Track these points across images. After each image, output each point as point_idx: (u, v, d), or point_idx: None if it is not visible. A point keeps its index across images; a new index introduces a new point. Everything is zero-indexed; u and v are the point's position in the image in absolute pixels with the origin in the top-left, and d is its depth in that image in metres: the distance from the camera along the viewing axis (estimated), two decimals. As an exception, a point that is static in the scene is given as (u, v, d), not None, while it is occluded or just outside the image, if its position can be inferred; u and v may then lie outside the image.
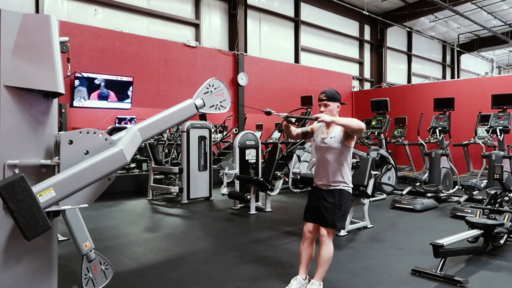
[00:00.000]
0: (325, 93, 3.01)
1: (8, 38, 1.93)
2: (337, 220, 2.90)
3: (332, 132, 2.97)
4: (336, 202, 2.92)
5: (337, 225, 2.91)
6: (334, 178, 2.95)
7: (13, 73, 1.94)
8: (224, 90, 2.60)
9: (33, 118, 2.02)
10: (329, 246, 2.91)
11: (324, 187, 2.98)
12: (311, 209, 3.06)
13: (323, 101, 2.99)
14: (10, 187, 1.71)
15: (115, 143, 2.12)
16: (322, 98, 3.00)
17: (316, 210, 2.99)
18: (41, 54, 1.97)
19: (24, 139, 2.00)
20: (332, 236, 2.95)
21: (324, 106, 3.00)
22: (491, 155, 6.89)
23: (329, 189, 2.96)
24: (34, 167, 2.02)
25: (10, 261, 1.97)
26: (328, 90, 3.04)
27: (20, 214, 1.72)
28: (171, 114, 2.37)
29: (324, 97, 3.00)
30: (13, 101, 1.96)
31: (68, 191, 1.90)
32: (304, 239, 3.06)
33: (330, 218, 2.89)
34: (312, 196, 3.09)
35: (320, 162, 3.03)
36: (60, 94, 2.06)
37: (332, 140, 2.92)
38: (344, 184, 2.97)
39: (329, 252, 2.91)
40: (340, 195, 2.94)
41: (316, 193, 3.05)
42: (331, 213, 2.90)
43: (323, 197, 2.96)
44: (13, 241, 1.95)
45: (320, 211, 2.94)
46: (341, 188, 2.95)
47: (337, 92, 3.06)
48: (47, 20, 2.00)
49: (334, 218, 2.89)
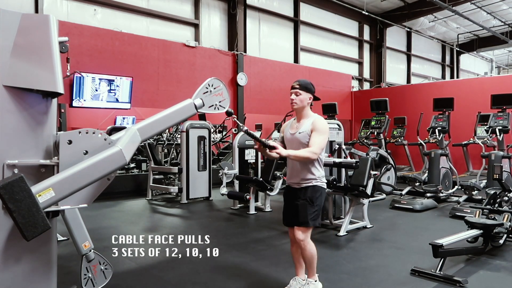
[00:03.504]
0: (298, 81, 2.84)
1: (7, 38, 1.93)
2: (310, 217, 2.73)
3: (301, 127, 2.81)
4: (307, 198, 2.76)
5: (309, 222, 2.74)
6: (304, 175, 2.80)
7: (12, 73, 1.93)
8: (224, 90, 2.60)
9: (32, 118, 2.02)
10: (308, 246, 2.78)
11: (296, 186, 2.84)
12: (287, 212, 2.93)
13: (295, 89, 2.80)
14: (9, 187, 1.71)
15: (114, 143, 2.11)
16: (295, 86, 2.82)
17: (293, 212, 2.85)
18: (40, 54, 1.96)
19: (23, 139, 2.00)
20: (309, 235, 2.81)
21: (295, 94, 2.81)
22: (490, 155, 6.89)
23: (301, 187, 2.81)
24: (33, 167, 2.01)
25: (10, 261, 1.97)
26: (302, 79, 2.87)
27: (19, 214, 1.72)
28: (170, 114, 2.37)
29: (296, 85, 2.81)
30: (12, 101, 1.95)
31: (68, 191, 1.90)
32: (291, 243, 2.98)
33: (302, 216, 2.74)
34: (286, 198, 2.97)
35: (290, 160, 2.87)
36: (59, 94, 2.06)
37: (301, 135, 2.78)
38: (316, 180, 2.81)
39: (310, 252, 2.80)
40: (313, 190, 2.78)
41: (290, 192, 2.92)
42: (303, 210, 2.74)
43: (296, 196, 2.83)
44: (13, 241, 1.95)
45: (294, 211, 2.82)
46: (313, 185, 2.79)
47: (312, 84, 2.88)
48: (46, 20, 2.00)
49: (306, 216, 2.73)
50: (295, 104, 2.81)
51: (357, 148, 8.69)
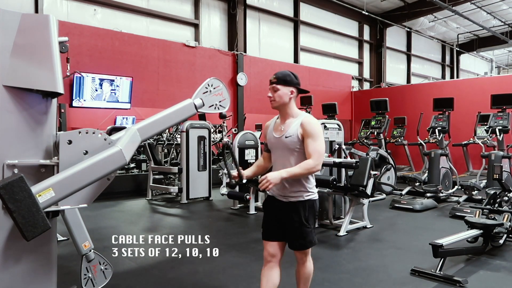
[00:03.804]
0: (276, 74, 2.37)
1: (7, 38, 1.93)
2: (309, 239, 2.38)
3: (288, 129, 2.36)
4: (303, 219, 2.34)
5: (307, 245, 2.41)
6: (293, 186, 2.34)
7: (12, 73, 1.93)
8: (223, 89, 2.59)
9: (32, 118, 2.02)
10: (308, 263, 2.50)
11: (283, 199, 2.38)
12: (272, 224, 2.43)
13: (272, 84, 2.35)
14: (9, 187, 1.71)
15: (114, 143, 2.11)
16: (272, 80, 2.36)
17: (278, 226, 2.40)
18: (40, 54, 1.96)
19: (23, 139, 2.00)
20: (310, 252, 2.49)
21: (272, 91, 2.35)
22: (490, 155, 6.89)
23: (290, 201, 2.36)
24: (33, 167, 2.01)
25: (10, 261, 1.97)
26: (280, 71, 2.40)
27: (19, 214, 1.72)
28: (170, 114, 2.37)
29: (273, 79, 2.35)
30: (12, 101, 1.95)
31: (68, 191, 1.90)
32: (265, 262, 2.45)
33: (301, 239, 2.37)
34: (269, 208, 2.48)
35: (275, 167, 2.43)
36: (59, 94, 2.06)
37: (289, 140, 2.34)
38: (308, 193, 2.37)
39: (309, 269, 2.51)
40: (305, 208, 2.35)
41: (274, 204, 2.44)
42: (300, 233, 2.36)
43: (283, 210, 2.38)
44: (13, 241, 1.95)
45: (285, 228, 2.39)
46: (304, 200, 2.35)
47: (294, 75, 2.39)
48: (46, 20, 1.99)
49: (305, 238, 2.37)
50: (274, 102, 2.37)
51: (357, 148, 8.69)
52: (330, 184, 4.85)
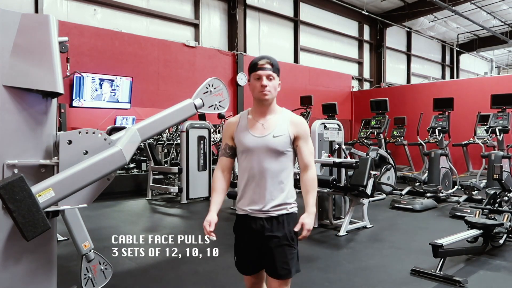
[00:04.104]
0: (269, 59, 1.93)
1: (7, 38, 1.93)
2: (293, 264, 1.91)
3: (274, 127, 1.92)
4: (287, 236, 1.90)
5: (292, 272, 1.91)
6: (274, 197, 1.90)
7: (12, 73, 1.93)
8: (224, 90, 2.59)
9: (32, 118, 2.02)
10: None
11: (262, 214, 1.92)
12: (249, 254, 2.01)
13: (266, 70, 1.90)
14: (9, 187, 1.71)
15: (114, 143, 2.11)
16: (265, 66, 1.90)
17: (258, 254, 1.96)
18: (40, 54, 1.96)
19: (23, 139, 2.00)
20: (289, 283, 1.98)
21: (267, 79, 1.91)
22: (490, 155, 6.89)
23: (270, 216, 1.91)
24: (33, 167, 2.01)
25: (9, 261, 1.97)
26: (270, 57, 1.97)
27: (19, 214, 1.72)
28: (170, 114, 2.37)
29: (268, 64, 1.91)
30: (12, 101, 1.95)
31: (67, 191, 1.90)
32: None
33: (283, 264, 1.89)
34: (243, 234, 2.03)
35: (251, 175, 1.93)
36: (59, 94, 2.06)
37: (278, 141, 1.89)
38: (292, 205, 1.95)
39: None
40: (290, 223, 1.91)
41: (249, 226, 1.97)
42: (282, 255, 1.89)
43: (263, 231, 1.92)
44: (12, 241, 1.95)
45: (263, 253, 1.94)
46: (289, 213, 1.93)
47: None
48: (46, 20, 1.99)
49: (288, 263, 1.89)
50: (269, 93, 1.93)
51: (357, 148, 8.69)
52: (330, 184, 4.85)
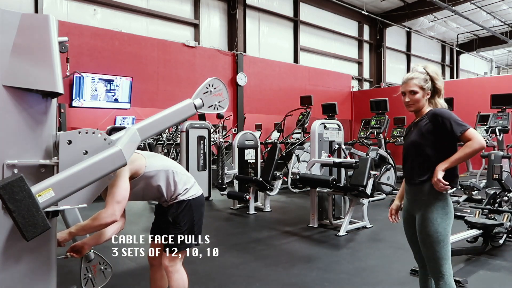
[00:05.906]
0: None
1: (7, 38, 1.92)
2: (175, 240, 2.45)
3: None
4: (170, 218, 2.49)
5: (176, 246, 2.46)
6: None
7: (11, 73, 1.93)
8: (224, 90, 2.59)
9: (32, 118, 2.02)
10: (176, 275, 2.49)
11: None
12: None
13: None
14: (9, 187, 1.71)
15: (114, 143, 2.11)
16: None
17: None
18: (40, 54, 1.96)
19: (23, 139, 1.99)
20: (179, 262, 2.54)
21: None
22: (490, 155, 6.89)
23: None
24: (33, 167, 2.01)
25: (9, 261, 1.97)
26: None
27: (19, 215, 1.71)
28: (170, 114, 2.36)
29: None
30: (12, 101, 1.95)
31: (67, 191, 1.90)
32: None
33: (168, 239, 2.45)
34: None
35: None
36: (59, 94, 2.05)
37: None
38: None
39: (178, 283, 2.49)
40: (178, 208, 2.50)
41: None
42: (168, 232, 2.49)
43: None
44: (12, 241, 1.95)
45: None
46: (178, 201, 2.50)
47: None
48: (46, 20, 1.99)
49: (173, 238, 2.45)
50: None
51: (357, 148, 8.69)
52: (330, 184, 4.85)
